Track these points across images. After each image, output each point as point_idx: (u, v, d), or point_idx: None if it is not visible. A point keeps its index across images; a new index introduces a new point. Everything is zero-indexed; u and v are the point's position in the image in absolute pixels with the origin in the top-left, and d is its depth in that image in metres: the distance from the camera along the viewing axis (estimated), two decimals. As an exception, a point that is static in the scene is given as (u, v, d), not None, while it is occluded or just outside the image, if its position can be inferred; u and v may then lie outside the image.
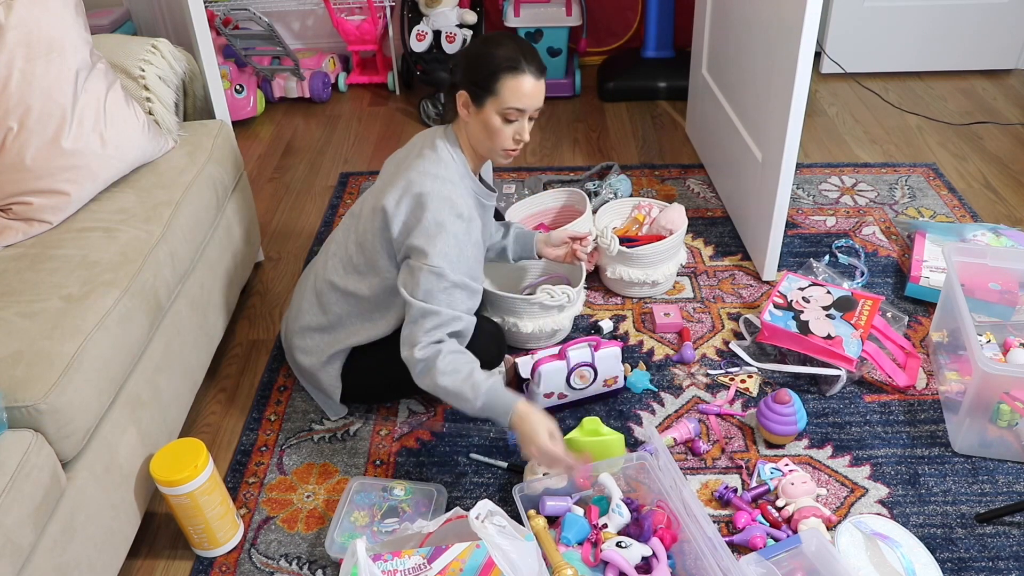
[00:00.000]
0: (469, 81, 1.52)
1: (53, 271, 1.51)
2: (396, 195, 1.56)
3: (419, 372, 1.52)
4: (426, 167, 1.56)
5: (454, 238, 1.52)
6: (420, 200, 1.53)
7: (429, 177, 1.55)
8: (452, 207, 1.53)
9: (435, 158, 1.57)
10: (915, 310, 2.07)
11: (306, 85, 3.24)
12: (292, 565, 1.53)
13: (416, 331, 1.52)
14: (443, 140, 1.60)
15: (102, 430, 1.39)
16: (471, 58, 1.54)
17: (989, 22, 3.17)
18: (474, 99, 1.53)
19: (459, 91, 1.54)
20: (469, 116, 1.56)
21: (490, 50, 1.51)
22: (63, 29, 1.66)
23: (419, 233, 1.52)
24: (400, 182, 1.57)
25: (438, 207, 1.52)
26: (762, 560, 1.41)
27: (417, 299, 1.52)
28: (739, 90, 2.32)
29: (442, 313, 1.52)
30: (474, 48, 1.56)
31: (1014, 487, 1.62)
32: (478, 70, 1.51)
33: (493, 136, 1.55)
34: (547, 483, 1.54)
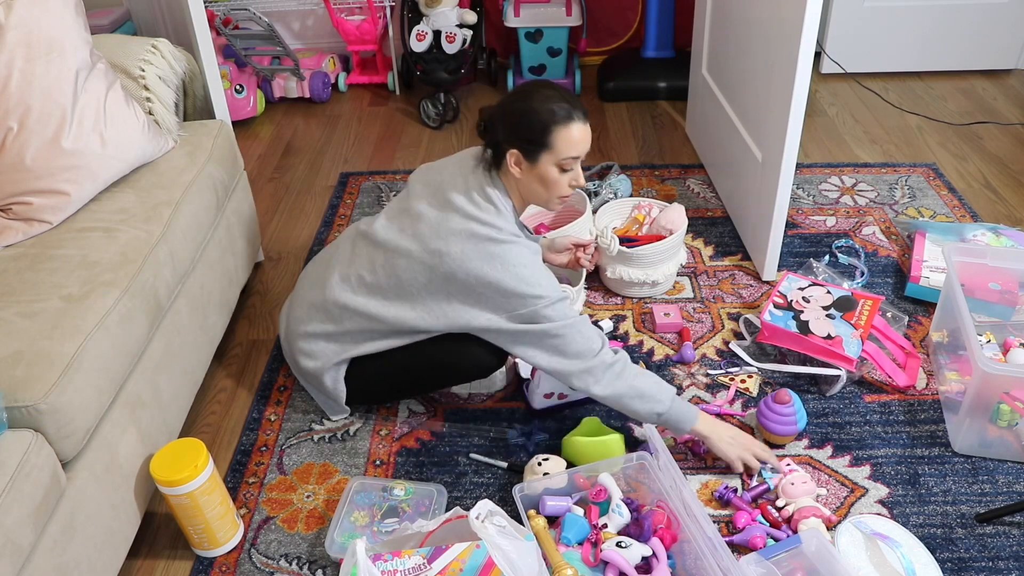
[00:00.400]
0: (520, 139, 1.51)
1: (53, 271, 1.51)
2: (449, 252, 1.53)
3: (612, 376, 1.56)
4: (474, 228, 1.53)
5: (526, 267, 1.53)
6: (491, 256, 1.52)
7: (479, 245, 1.53)
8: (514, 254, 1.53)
9: (492, 211, 1.55)
10: (915, 310, 2.07)
11: (306, 85, 3.24)
12: (292, 565, 1.53)
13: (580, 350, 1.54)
14: (495, 192, 1.57)
15: (102, 430, 1.39)
16: (517, 115, 1.51)
17: (989, 22, 3.17)
18: (527, 156, 1.52)
19: (510, 150, 1.53)
20: (522, 172, 1.55)
21: (537, 105, 1.50)
22: (63, 29, 1.66)
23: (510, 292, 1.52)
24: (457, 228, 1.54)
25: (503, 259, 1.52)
26: (762, 560, 1.41)
27: (556, 333, 1.53)
28: (739, 90, 2.32)
29: (585, 319, 1.57)
30: (516, 104, 1.53)
31: (1014, 487, 1.62)
32: (529, 127, 1.50)
33: (551, 187, 1.56)
34: (547, 483, 1.54)
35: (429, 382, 1.78)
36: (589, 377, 1.56)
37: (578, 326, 1.56)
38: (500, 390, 1.88)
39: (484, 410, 1.84)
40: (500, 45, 3.47)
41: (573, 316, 1.56)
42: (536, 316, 1.54)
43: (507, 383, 1.89)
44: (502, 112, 1.55)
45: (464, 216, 1.55)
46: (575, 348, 1.55)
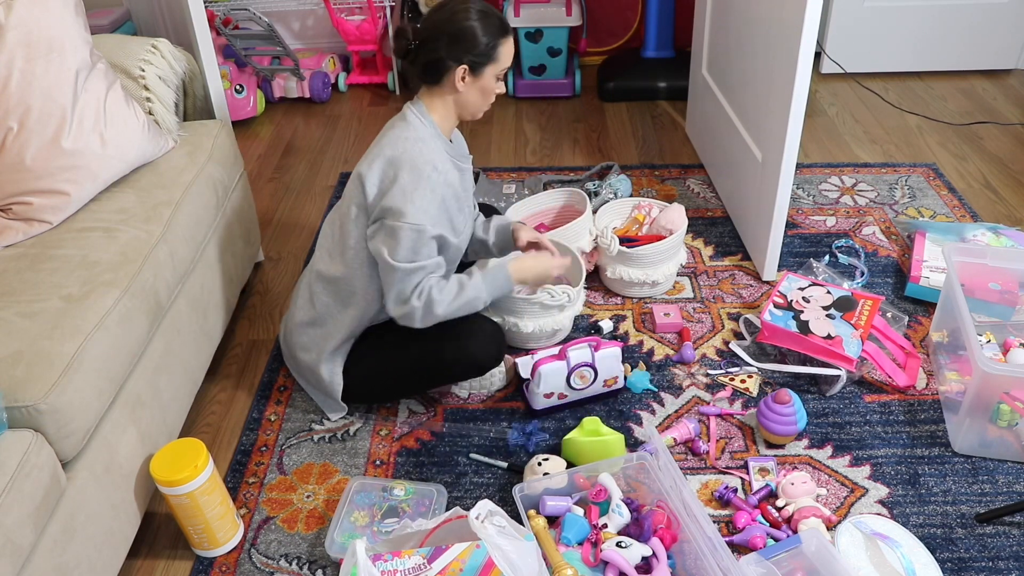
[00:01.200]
0: (467, 53, 1.55)
1: (53, 271, 1.51)
2: (369, 160, 1.60)
3: (420, 319, 1.60)
4: (396, 133, 1.60)
5: (431, 191, 1.56)
6: (393, 161, 1.57)
7: (400, 140, 1.59)
8: (426, 161, 1.56)
9: (404, 124, 1.61)
10: (915, 310, 2.07)
11: (306, 85, 3.24)
12: (292, 565, 1.53)
13: (404, 288, 1.58)
14: (411, 109, 1.63)
15: (102, 430, 1.39)
16: (461, 32, 1.55)
17: (989, 22, 3.17)
18: (473, 70, 1.57)
19: (457, 67, 1.56)
20: (465, 86, 1.59)
21: (478, 21, 1.55)
22: (63, 29, 1.66)
23: (395, 192, 1.55)
24: (374, 151, 1.61)
25: (412, 163, 1.55)
26: (762, 560, 1.41)
27: (399, 260, 1.55)
28: (739, 90, 2.32)
29: (427, 265, 1.58)
30: (458, 23, 1.56)
31: (1014, 487, 1.62)
32: (476, 42, 1.55)
33: (487, 96, 1.64)
34: (547, 483, 1.54)
35: (427, 379, 1.78)
36: (403, 322, 1.62)
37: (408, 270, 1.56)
38: (500, 390, 1.88)
39: (484, 410, 1.84)
40: (500, 45, 3.46)
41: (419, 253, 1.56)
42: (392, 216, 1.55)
43: (507, 383, 1.89)
44: (442, 30, 1.56)
45: (380, 139, 1.62)
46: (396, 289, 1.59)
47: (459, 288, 1.63)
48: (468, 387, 1.87)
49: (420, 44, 1.58)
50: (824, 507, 1.57)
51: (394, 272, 1.57)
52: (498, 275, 1.69)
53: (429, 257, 1.59)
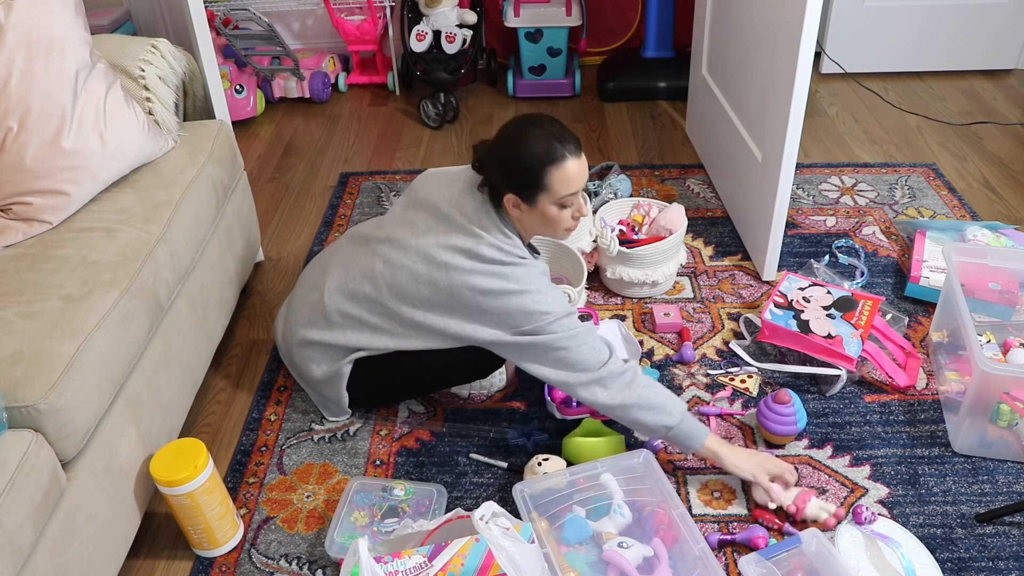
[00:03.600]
0: (514, 185, 1.49)
1: (53, 271, 1.51)
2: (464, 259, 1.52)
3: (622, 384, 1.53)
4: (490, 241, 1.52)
5: (532, 284, 1.52)
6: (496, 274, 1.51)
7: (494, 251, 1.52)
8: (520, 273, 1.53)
9: (500, 236, 1.53)
10: (915, 310, 2.07)
11: (306, 85, 3.24)
12: (292, 565, 1.53)
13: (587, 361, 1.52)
14: (500, 221, 1.54)
15: (102, 430, 1.39)
16: (507, 162, 1.49)
17: (989, 22, 3.17)
18: (524, 200, 1.50)
19: (506, 195, 1.51)
20: (522, 214, 1.53)
21: (526, 150, 1.47)
22: (63, 29, 1.66)
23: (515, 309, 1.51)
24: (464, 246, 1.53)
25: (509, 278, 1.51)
26: (762, 560, 1.41)
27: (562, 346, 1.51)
28: (739, 90, 2.32)
29: (591, 329, 1.55)
30: (507, 151, 1.50)
31: (1014, 487, 1.62)
32: (521, 173, 1.48)
33: (553, 224, 1.55)
34: (547, 483, 1.54)
35: (429, 383, 1.79)
36: (597, 387, 1.53)
37: (583, 337, 1.53)
38: (500, 390, 1.88)
39: (484, 410, 1.84)
40: (500, 45, 3.47)
41: (579, 327, 1.54)
42: (541, 331, 1.52)
43: (507, 383, 1.89)
44: (493, 158, 1.52)
45: (471, 235, 1.53)
46: (581, 359, 1.53)
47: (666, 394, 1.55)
48: (468, 387, 1.87)
49: (482, 165, 1.55)
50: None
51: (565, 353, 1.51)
52: (698, 425, 1.57)
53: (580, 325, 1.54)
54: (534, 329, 1.52)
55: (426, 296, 1.56)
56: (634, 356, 1.86)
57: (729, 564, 1.49)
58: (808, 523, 1.54)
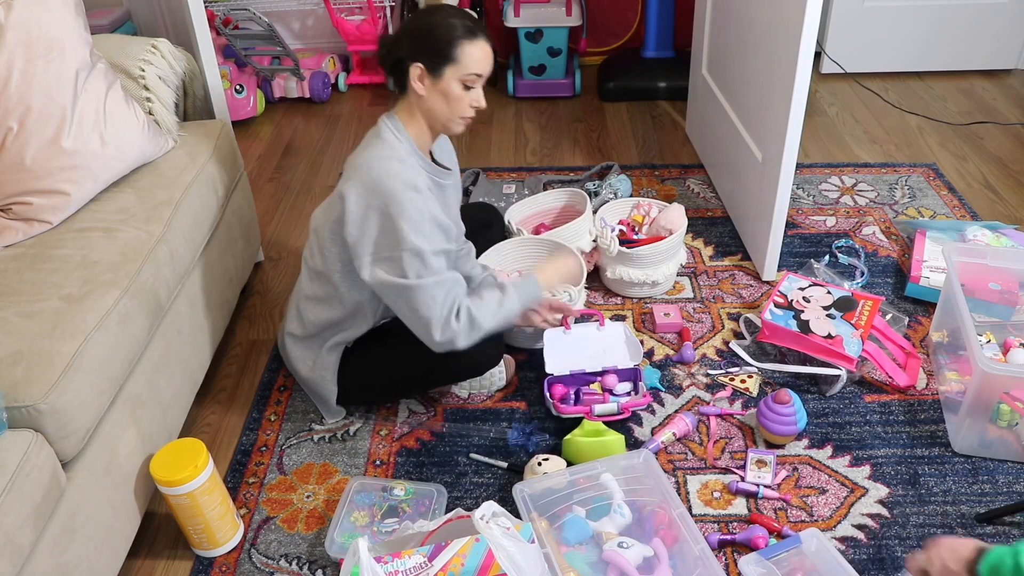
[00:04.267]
0: (425, 52, 1.51)
1: (53, 271, 1.51)
2: (349, 182, 1.54)
3: (465, 337, 1.56)
4: (371, 153, 1.55)
5: (417, 212, 1.51)
6: (371, 188, 1.51)
7: (375, 161, 1.53)
8: (404, 182, 1.51)
9: (379, 143, 1.56)
10: (915, 310, 2.07)
11: (306, 85, 3.24)
12: (292, 565, 1.53)
13: (432, 309, 1.53)
14: (386, 124, 1.59)
15: (102, 430, 1.39)
16: (421, 30, 1.52)
17: (989, 22, 3.17)
18: (431, 70, 1.51)
19: (413, 64, 1.52)
20: (425, 88, 1.54)
21: (440, 19, 1.51)
22: (63, 29, 1.66)
23: (384, 224, 1.51)
24: (350, 171, 1.57)
25: (390, 191, 1.50)
26: (762, 560, 1.41)
27: (411, 279, 1.52)
28: (739, 90, 2.32)
29: (444, 281, 1.54)
30: (420, 21, 1.54)
31: (1014, 487, 1.62)
32: (433, 40, 1.50)
33: (453, 104, 1.55)
34: (547, 483, 1.54)
35: (426, 380, 1.79)
36: (451, 340, 1.56)
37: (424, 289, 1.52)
38: (500, 390, 1.88)
39: (484, 410, 1.84)
40: (500, 45, 3.46)
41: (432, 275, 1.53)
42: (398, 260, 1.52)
43: (507, 383, 1.89)
44: (406, 30, 1.55)
45: (355, 159, 1.57)
46: (422, 316, 1.54)
47: (497, 303, 1.61)
48: (468, 387, 1.87)
49: (389, 48, 1.56)
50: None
51: (413, 291, 1.52)
52: (528, 284, 1.69)
53: (440, 272, 1.54)
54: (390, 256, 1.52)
55: (331, 238, 1.60)
56: (635, 358, 1.86)
57: (729, 564, 1.49)
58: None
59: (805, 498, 1.61)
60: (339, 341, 1.71)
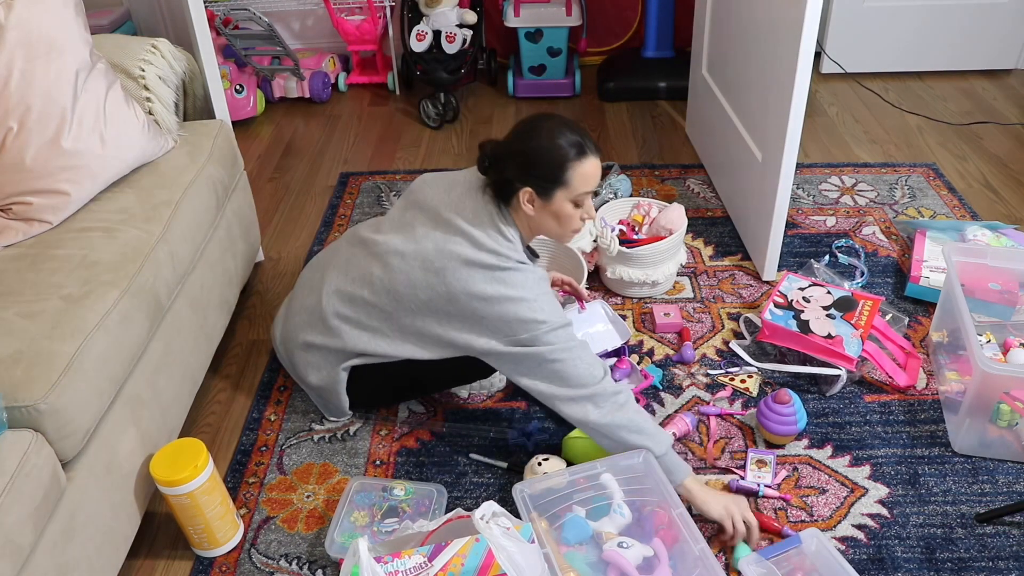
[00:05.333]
0: (534, 178, 1.48)
1: (53, 271, 1.50)
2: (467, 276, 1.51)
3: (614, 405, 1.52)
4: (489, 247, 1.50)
5: (529, 291, 1.50)
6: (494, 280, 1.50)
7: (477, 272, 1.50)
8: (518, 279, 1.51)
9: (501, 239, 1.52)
10: (915, 310, 2.07)
11: (306, 85, 3.24)
12: (292, 565, 1.53)
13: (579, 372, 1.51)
14: (504, 225, 1.53)
15: (102, 430, 1.39)
16: (530, 154, 1.48)
17: (989, 22, 3.17)
18: (541, 194, 1.49)
19: (522, 189, 1.49)
20: (535, 210, 1.51)
21: (549, 142, 1.47)
22: (63, 29, 1.66)
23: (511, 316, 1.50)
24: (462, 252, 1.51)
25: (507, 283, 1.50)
26: (762, 560, 1.41)
27: (556, 358, 1.50)
28: (739, 90, 2.32)
29: (586, 345, 1.54)
30: (529, 143, 1.49)
31: (1014, 487, 1.62)
32: (544, 166, 1.47)
33: (565, 223, 1.54)
34: (547, 483, 1.54)
35: (429, 385, 1.79)
36: (589, 404, 1.51)
37: (578, 352, 1.52)
38: (500, 390, 1.88)
39: (484, 410, 1.84)
40: (500, 45, 3.47)
41: (575, 341, 1.53)
42: (536, 341, 1.51)
43: (507, 383, 1.89)
44: (511, 150, 1.51)
45: (470, 240, 1.51)
46: (576, 374, 1.51)
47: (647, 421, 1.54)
48: (468, 387, 1.87)
49: (492, 162, 1.53)
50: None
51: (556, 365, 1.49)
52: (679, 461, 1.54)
53: (573, 338, 1.53)
54: (530, 339, 1.51)
55: (423, 301, 1.56)
56: (623, 336, 1.87)
57: (729, 564, 1.49)
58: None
59: (805, 498, 1.61)
60: (359, 363, 1.68)
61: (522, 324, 1.50)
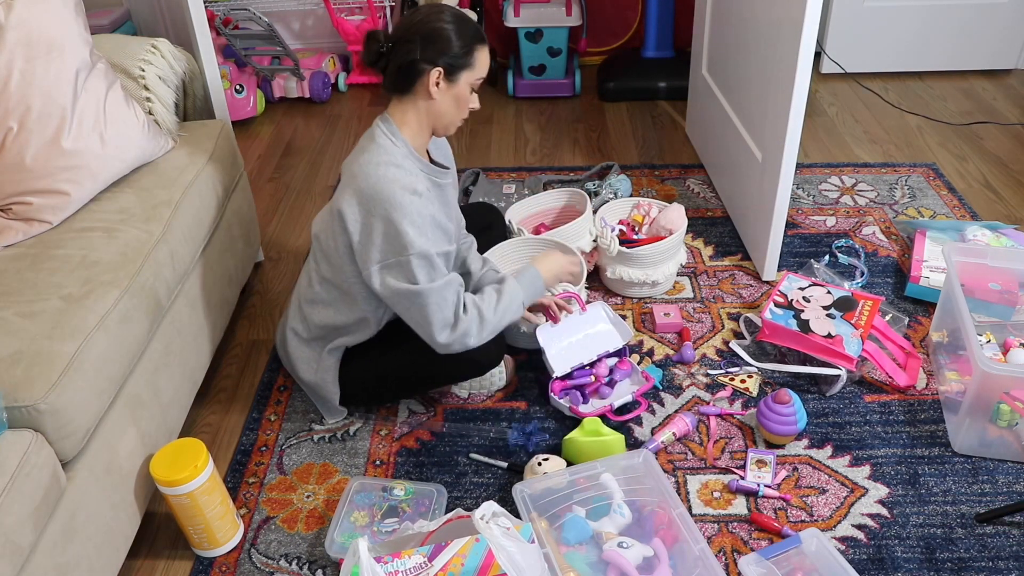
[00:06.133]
0: (443, 56, 1.50)
1: (53, 271, 1.51)
2: (346, 195, 1.54)
3: (475, 333, 1.58)
4: (368, 159, 1.53)
5: (418, 215, 1.51)
6: (370, 196, 1.50)
7: (372, 167, 1.52)
8: (403, 187, 1.51)
9: (375, 148, 1.54)
10: (915, 310, 2.07)
11: (306, 85, 3.24)
12: (292, 565, 1.53)
13: (444, 310, 1.54)
14: (381, 127, 1.57)
15: (102, 430, 1.39)
16: (438, 33, 1.50)
17: (989, 22, 3.17)
18: (449, 75, 1.52)
19: (432, 69, 1.50)
20: (439, 93, 1.53)
21: (454, 26, 1.51)
22: (63, 29, 1.66)
23: (387, 231, 1.50)
24: (347, 179, 1.56)
25: (389, 198, 1.49)
26: (762, 560, 1.41)
27: (422, 283, 1.52)
28: (739, 90, 2.32)
29: (451, 281, 1.56)
30: (433, 24, 1.51)
31: (1014, 487, 1.62)
32: (452, 44, 1.50)
33: (462, 106, 1.58)
34: (547, 483, 1.54)
35: (427, 381, 1.79)
36: (462, 340, 1.57)
37: (435, 291, 1.53)
38: (500, 390, 1.88)
39: (484, 410, 1.84)
40: (500, 45, 3.47)
41: (441, 277, 1.54)
42: (405, 266, 1.51)
43: (507, 383, 1.89)
44: (418, 32, 1.51)
45: (351, 165, 1.55)
46: (433, 317, 1.54)
47: (497, 295, 1.63)
48: (468, 387, 1.87)
49: (393, 46, 1.53)
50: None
51: (425, 296, 1.52)
52: (530, 276, 1.71)
53: (446, 272, 1.56)
54: (397, 263, 1.52)
55: (342, 251, 1.59)
56: (625, 337, 1.87)
57: (729, 564, 1.49)
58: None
59: (805, 498, 1.61)
60: (340, 344, 1.71)
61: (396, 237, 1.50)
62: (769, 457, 1.67)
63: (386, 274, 1.54)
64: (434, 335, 1.56)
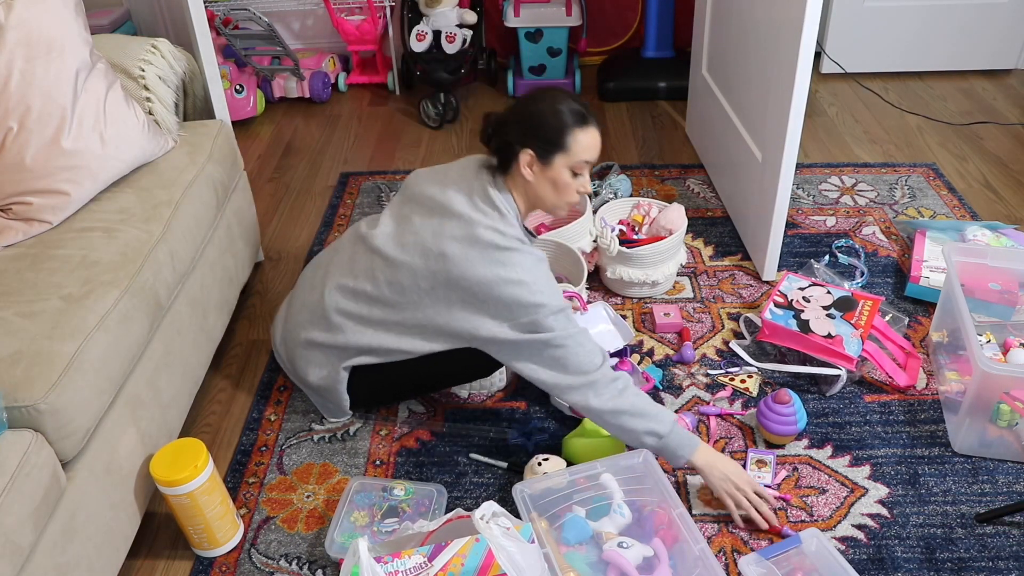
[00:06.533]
0: (535, 139, 1.50)
1: (53, 271, 1.51)
2: (462, 251, 1.51)
3: (614, 391, 1.53)
4: (488, 222, 1.52)
5: (529, 273, 1.51)
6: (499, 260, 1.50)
7: (491, 233, 1.51)
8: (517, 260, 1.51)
9: (496, 216, 1.53)
10: (915, 310, 2.07)
11: (306, 85, 3.24)
12: (292, 565, 1.53)
13: (580, 360, 1.52)
14: (498, 194, 1.55)
15: (102, 430, 1.39)
16: (533, 117, 1.51)
17: (989, 22, 3.17)
18: (541, 157, 1.51)
19: (523, 151, 1.51)
20: (534, 175, 1.53)
21: (553, 106, 1.50)
22: (63, 29, 1.66)
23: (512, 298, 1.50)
24: (456, 229, 1.52)
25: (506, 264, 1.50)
26: (762, 560, 1.41)
27: (557, 344, 1.51)
28: (739, 90, 2.32)
29: (587, 332, 1.54)
30: (532, 106, 1.52)
31: (1014, 487, 1.62)
32: (546, 128, 1.50)
33: (562, 191, 1.55)
34: (547, 483, 1.54)
35: (430, 384, 1.79)
36: (589, 391, 1.52)
37: (579, 338, 1.53)
38: (500, 390, 1.88)
39: (484, 410, 1.84)
40: (500, 45, 3.47)
41: (576, 328, 1.54)
42: (538, 325, 1.51)
43: (507, 383, 1.89)
44: (516, 114, 1.54)
45: (466, 221, 1.53)
46: (576, 361, 1.52)
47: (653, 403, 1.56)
48: (468, 387, 1.87)
49: (495, 129, 1.55)
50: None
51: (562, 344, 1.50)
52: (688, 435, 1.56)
53: (575, 324, 1.54)
54: (530, 323, 1.51)
55: (425, 290, 1.56)
56: (626, 338, 1.87)
57: (729, 564, 1.49)
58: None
59: (805, 498, 1.61)
60: (363, 362, 1.67)
61: (522, 308, 1.51)
62: (769, 457, 1.67)
63: (515, 330, 1.53)
64: (568, 380, 1.53)
